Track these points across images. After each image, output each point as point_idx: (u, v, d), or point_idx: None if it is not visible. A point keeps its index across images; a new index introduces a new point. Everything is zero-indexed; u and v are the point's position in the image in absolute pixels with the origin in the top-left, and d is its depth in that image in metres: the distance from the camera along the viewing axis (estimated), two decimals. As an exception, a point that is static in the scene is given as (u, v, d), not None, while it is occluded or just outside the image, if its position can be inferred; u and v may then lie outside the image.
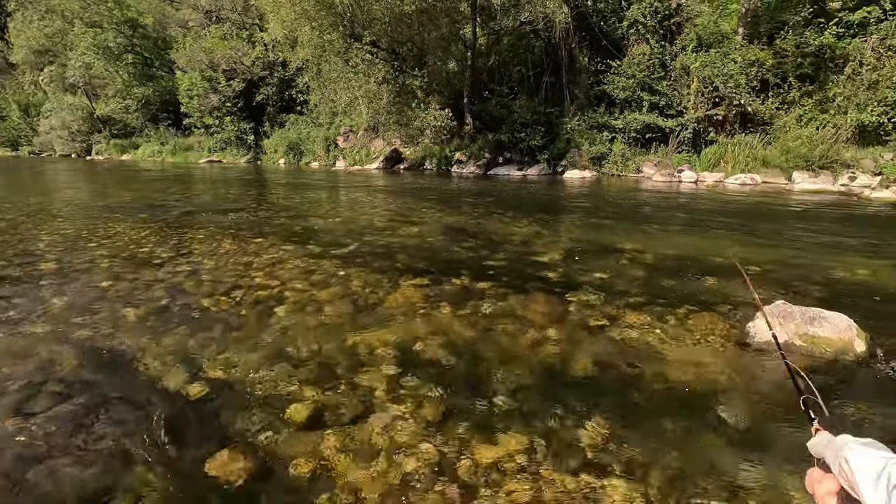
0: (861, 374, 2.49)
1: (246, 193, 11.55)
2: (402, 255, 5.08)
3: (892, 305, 3.45)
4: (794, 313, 2.75)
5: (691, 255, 5.04)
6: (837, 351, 2.60)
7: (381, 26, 16.42)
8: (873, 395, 2.33)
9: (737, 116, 14.11)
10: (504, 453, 1.96)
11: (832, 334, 2.62)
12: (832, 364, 2.57)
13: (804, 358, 2.63)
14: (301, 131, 24.09)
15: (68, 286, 3.97)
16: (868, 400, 2.28)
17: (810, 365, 2.56)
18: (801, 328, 2.66)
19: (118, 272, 4.37)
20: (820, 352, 2.62)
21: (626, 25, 16.28)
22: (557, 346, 2.92)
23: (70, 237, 5.84)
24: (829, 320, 2.67)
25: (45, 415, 2.21)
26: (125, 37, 29.45)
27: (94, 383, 2.50)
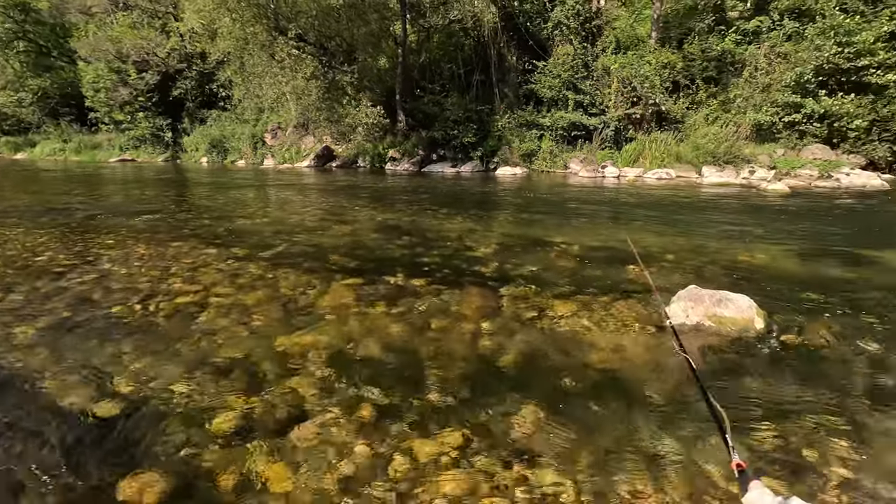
0: (759, 348, 2.75)
1: (163, 194, 10.77)
2: (334, 254, 4.95)
3: (785, 285, 3.84)
4: (703, 296, 2.99)
5: (615, 247, 5.31)
6: (740, 329, 2.86)
7: (308, 20, 15.89)
8: (769, 366, 2.58)
9: (653, 115, 15.09)
10: (440, 449, 1.96)
11: (736, 314, 2.87)
12: (736, 341, 2.82)
13: (713, 336, 2.86)
14: (225, 128, 22.79)
15: (-53, 302, 3.50)
16: (764, 371, 2.52)
17: (718, 343, 2.79)
18: (710, 310, 2.89)
19: (9, 284, 3.91)
20: (726, 330, 2.87)
21: (551, 26, 16.89)
22: (491, 339, 2.98)
23: (-50, 247, 5.16)
24: (734, 301, 2.93)
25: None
26: (14, 21, 26.43)
27: (-19, 410, 2.22)
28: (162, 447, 1.95)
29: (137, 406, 2.24)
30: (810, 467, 1.83)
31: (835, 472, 1.80)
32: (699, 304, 2.94)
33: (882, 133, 13.06)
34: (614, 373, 2.55)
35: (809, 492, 1.71)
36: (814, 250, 5.14)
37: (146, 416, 2.17)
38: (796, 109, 13.33)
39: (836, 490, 1.72)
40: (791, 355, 2.69)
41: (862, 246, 5.32)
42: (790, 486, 1.73)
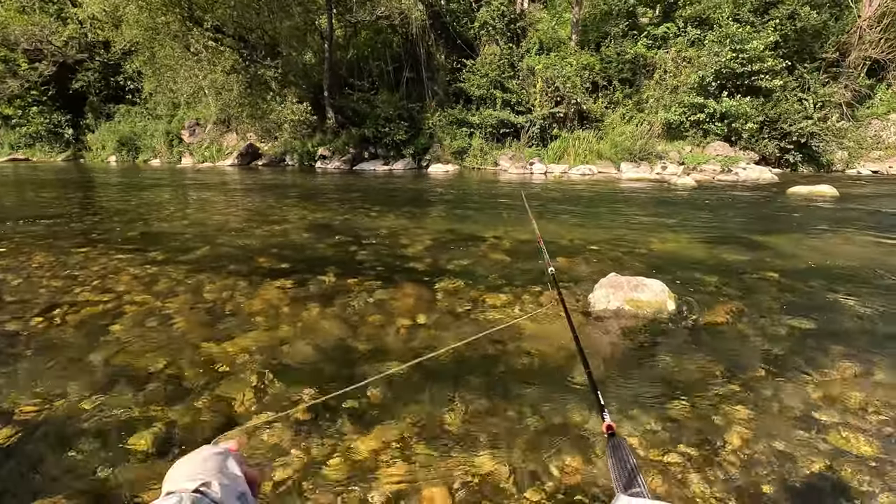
0: (671, 328, 3.01)
1: (65, 197, 9.79)
2: (262, 256, 4.76)
3: (692, 270, 4.21)
4: (622, 283, 3.21)
5: (543, 239, 5.53)
6: (655, 311, 3.10)
7: (226, 10, 15.07)
8: (680, 343, 2.83)
9: (575, 114, 15.85)
10: (379, 444, 1.96)
11: (651, 298, 3.11)
12: (651, 322, 3.05)
13: (632, 319, 3.08)
14: (136, 124, 21.13)
15: None
16: (675, 348, 2.76)
17: (636, 325, 3.02)
18: (629, 294, 3.11)
19: None
20: (643, 313, 3.10)
21: (478, 26, 17.25)
22: (427, 333, 3.01)
23: None
24: (649, 286, 3.17)
25: None
26: None
27: None
28: (72, 471, 1.79)
29: (41, 428, 2.04)
30: (715, 430, 2.04)
31: (736, 432, 2.01)
32: (619, 290, 3.15)
33: (771, 132, 14.60)
34: (547, 358, 2.67)
35: (714, 454, 1.90)
36: (717, 238, 5.67)
37: (53, 438, 1.98)
38: (700, 109, 14.55)
39: (736, 450, 1.92)
40: (698, 332, 2.96)
41: (757, 233, 5.93)
42: (697, 448, 1.91)
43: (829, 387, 2.37)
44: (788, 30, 14.49)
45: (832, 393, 2.32)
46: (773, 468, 1.82)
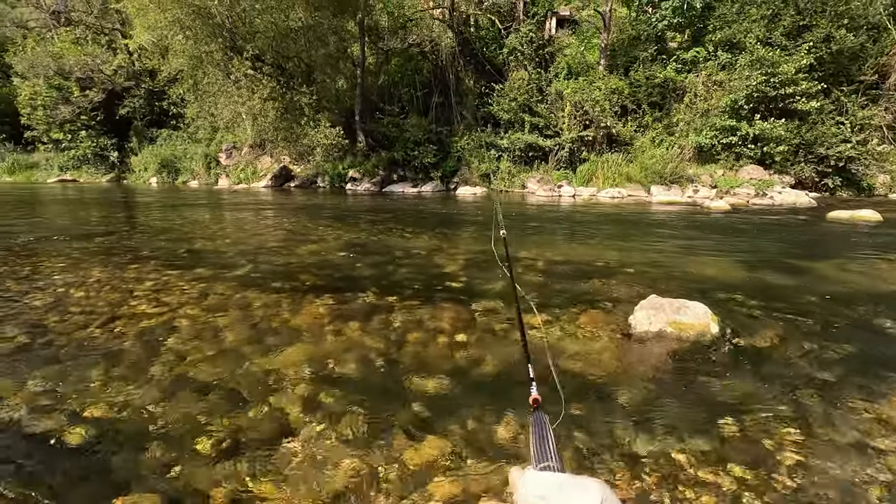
0: (716, 351, 2.98)
1: (113, 215, 10.30)
2: (303, 274, 4.92)
3: (733, 293, 4.15)
4: (664, 305, 3.21)
5: (577, 261, 5.56)
6: (698, 334, 3.08)
7: (265, 40, 15.84)
8: (726, 367, 2.80)
9: (604, 137, 15.90)
10: (429, 457, 2.01)
11: (694, 320, 3.10)
12: (695, 345, 3.03)
13: (675, 342, 3.07)
14: (176, 147, 22.12)
15: None
16: (721, 371, 2.73)
17: (680, 347, 3.00)
18: (671, 317, 3.11)
19: (-47, 311, 3.66)
20: (686, 336, 3.08)
21: (506, 52, 17.61)
22: (467, 351, 3.06)
23: None
24: (691, 309, 3.16)
25: None
26: (-59, 34, 24.80)
27: (-64, 443, 2.08)
28: (147, 469, 1.90)
29: (114, 430, 2.17)
30: (766, 453, 2.02)
31: (787, 456, 1.99)
32: (660, 312, 3.15)
33: (807, 156, 14.31)
34: (588, 379, 2.69)
35: (767, 476, 1.88)
36: (756, 262, 5.57)
37: (125, 439, 2.11)
38: (732, 132, 14.41)
39: (789, 472, 1.90)
40: (743, 356, 2.93)
41: (798, 257, 5.81)
42: (750, 469, 1.90)
43: (884, 412, 2.32)
44: (823, 52, 14.31)
45: (887, 419, 2.26)
46: (828, 493, 1.79)
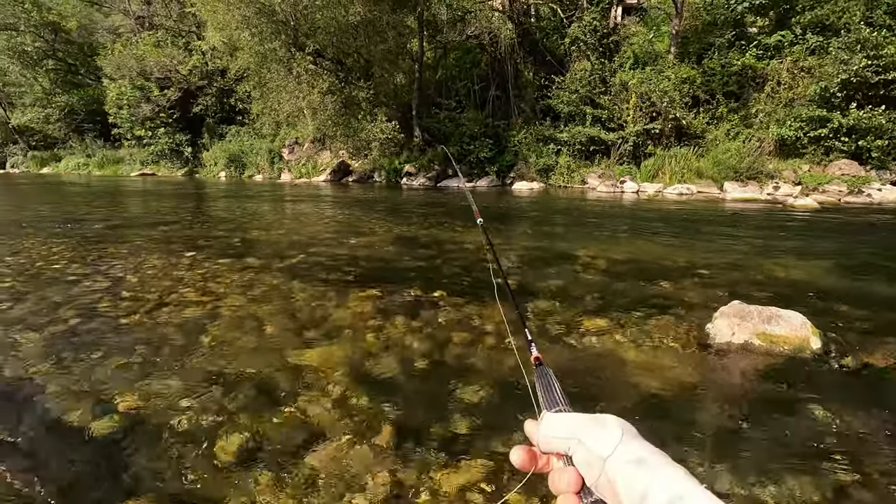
0: (818, 370, 2.49)
1: (180, 207, 10.81)
2: (350, 266, 4.80)
3: (834, 303, 3.56)
4: (751, 313, 2.74)
5: (642, 260, 5.08)
6: (794, 349, 2.60)
7: (326, 36, 16.11)
8: (831, 389, 2.32)
9: (672, 130, 14.86)
10: (468, 480, 1.75)
11: (789, 332, 2.62)
12: (790, 361, 2.56)
13: (764, 357, 2.61)
14: (243, 143, 23.12)
15: (-45, 310, 3.41)
16: (827, 396, 2.26)
17: (771, 364, 2.54)
18: (759, 327, 2.65)
19: (21, 292, 3.82)
20: (779, 350, 2.61)
21: (568, 42, 16.87)
22: (518, 356, 2.76)
23: (-34, 255, 5.12)
24: (785, 319, 2.68)
25: None
26: (45, 41, 27.37)
27: (-26, 424, 2.07)
28: (163, 471, 1.77)
29: (140, 424, 2.07)
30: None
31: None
32: (746, 321, 2.69)
33: (914, 148, 12.64)
34: (657, 394, 2.31)
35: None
36: (856, 266, 4.84)
37: (148, 435, 2.00)
38: (822, 124, 13.00)
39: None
40: (853, 377, 2.43)
41: (908, 262, 5.00)
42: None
43: None
44: (935, 32, 12.54)
45: None
46: None
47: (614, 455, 0.41)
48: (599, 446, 0.42)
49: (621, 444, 0.41)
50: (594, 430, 0.43)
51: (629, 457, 0.40)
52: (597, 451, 0.42)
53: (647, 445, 0.42)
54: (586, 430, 0.44)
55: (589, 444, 0.43)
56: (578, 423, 0.45)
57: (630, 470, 0.39)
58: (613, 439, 0.42)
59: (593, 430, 0.43)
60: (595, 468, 0.41)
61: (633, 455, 0.40)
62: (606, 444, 0.42)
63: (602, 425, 0.44)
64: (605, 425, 0.44)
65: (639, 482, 0.38)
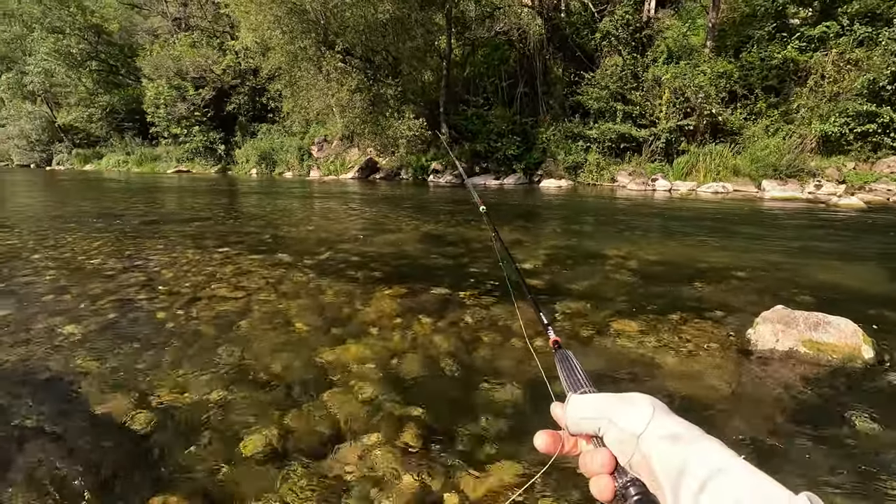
0: (872, 382, 2.35)
1: (214, 203, 11.08)
2: (377, 263, 4.81)
3: (886, 309, 3.36)
4: (796, 319, 2.60)
5: (676, 261, 4.92)
6: (844, 358, 2.46)
7: (355, 34, 16.23)
8: (886, 405, 2.18)
9: (707, 126, 14.40)
10: (497, 485, 1.71)
11: (838, 340, 2.48)
12: (840, 372, 2.42)
13: (811, 366, 2.47)
14: (274, 141, 23.55)
15: (3, 301, 3.56)
16: (883, 410, 2.12)
17: (819, 374, 2.41)
18: (805, 334, 2.51)
19: (63, 285, 3.96)
20: (827, 359, 2.47)
21: (599, 37, 16.52)
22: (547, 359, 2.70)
23: (14, 248, 5.36)
24: (834, 326, 2.54)
25: (-51, 454, 1.85)
26: (89, 43, 28.47)
27: (20, 412, 2.14)
28: (191, 467, 1.79)
29: (172, 417, 2.11)
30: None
31: None
32: (791, 328, 2.56)
33: (971, 145, 11.91)
34: (695, 402, 2.22)
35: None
36: (909, 271, 4.57)
37: (180, 429, 2.03)
38: (870, 119, 12.36)
39: None
40: (910, 392, 2.28)
41: (966, 267, 4.69)
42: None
43: None
44: None
45: None
46: None
47: (647, 432, 0.40)
48: (632, 424, 0.41)
49: (654, 421, 0.40)
50: (625, 409, 0.42)
51: (663, 432, 0.39)
52: (629, 428, 0.41)
53: (680, 420, 0.41)
54: (616, 409, 0.43)
55: (620, 423, 0.42)
56: (607, 403, 0.44)
57: (665, 446, 0.38)
58: (645, 416, 0.41)
59: (624, 409, 0.42)
60: (628, 446, 0.40)
61: (668, 430, 0.39)
62: (638, 421, 0.41)
63: (632, 403, 0.43)
64: (636, 403, 0.43)
65: (675, 457, 0.37)
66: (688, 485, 0.36)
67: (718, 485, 0.34)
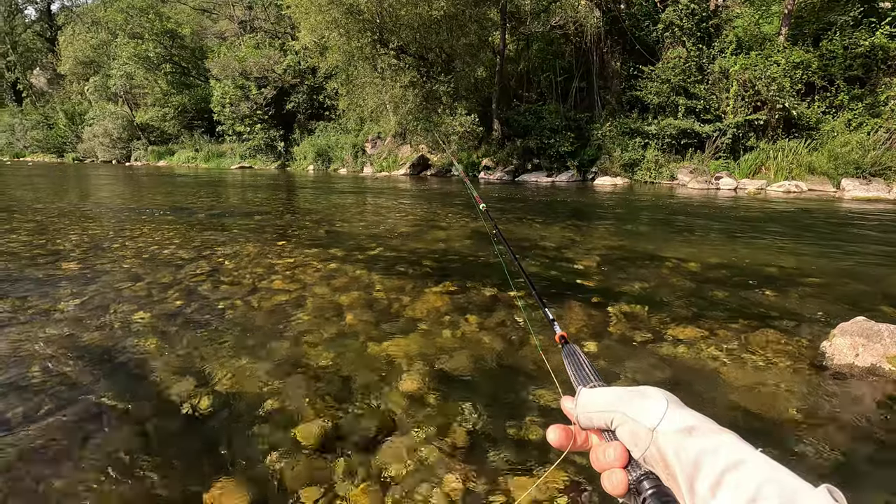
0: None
1: (273, 198, 11.57)
2: (427, 260, 4.84)
3: None
4: (880, 332, 2.37)
5: (741, 265, 4.63)
6: (937, 378, 2.22)
7: (409, 32, 16.42)
8: None
9: (780, 121, 13.47)
10: (544, 491, 1.67)
11: (929, 358, 2.24)
12: (932, 394, 2.19)
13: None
14: (330, 138, 24.31)
15: (86, 287, 3.88)
16: (982, 439, 1.90)
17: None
18: (892, 350, 2.29)
19: (137, 273, 4.27)
20: (917, 379, 2.24)
21: (661, 28, 15.80)
22: (598, 362, 2.62)
23: (96, 238, 5.84)
24: (926, 341, 2.29)
25: (39, 424, 2.03)
26: (164, 47, 30.48)
27: (96, 391, 2.32)
28: (248, 452, 1.88)
29: (231, 404, 2.21)
30: None
31: None
32: (874, 342, 2.34)
33: None
34: (761, 417, 2.08)
35: None
36: None
37: (238, 415, 2.13)
38: (973, 112, 11.12)
39: None
40: None
41: None
42: None
43: None
44: None
45: None
46: None
47: (662, 425, 0.39)
48: (646, 417, 0.40)
49: (668, 414, 0.39)
50: (638, 402, 0.42)
51: (678, 425, 0.38)
52: (644, 422, 0.40)
53: (694, 413, 0.40)
54: (629, 402, 0.42)
55: (634, 416, 0.41)
56: (619, 396, 0.43)
57: (680, 439, 0.38)
58: (660, 409, 0.40)
59: (637, 402, 0.42)
60: (643, 440, 0.40)
61: (683, 423, 0.38)
62: (653, 414, 0.40)
63: (646, 396, 0.42)
64: (649, 396, 0.42)
65: (691, 450, 0.37)
66: (704, 477, 0.35)
67: (736, 477, 0.34)
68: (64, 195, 11.81)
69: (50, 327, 3.07)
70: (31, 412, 2.14)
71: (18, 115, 40.74)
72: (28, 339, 2.89)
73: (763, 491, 0.32)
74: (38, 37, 46.71)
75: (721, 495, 0.34)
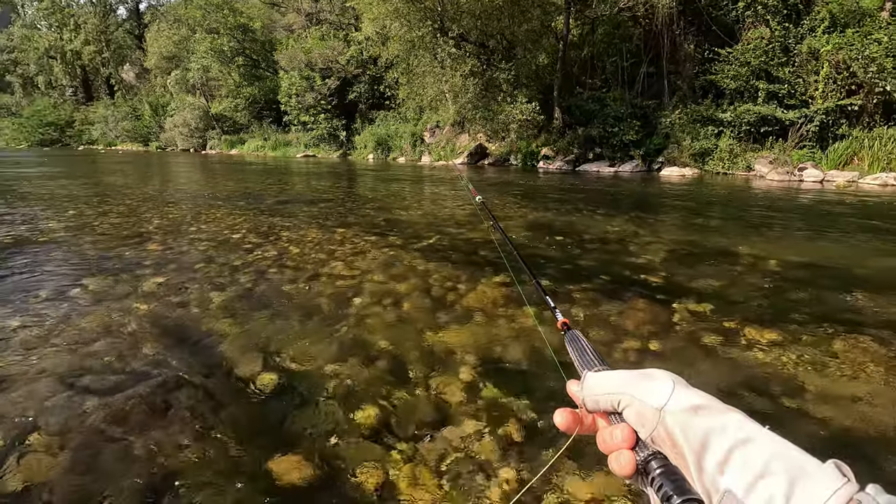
0: None
1: (335, 185, 11.94)
2: (483, 250, 4.81)
3: None
4: None
5: (827, 265, 4.25)
6: None
7: (471, 20, 16.26)
8: None
9: (877, 106, 12.16)
10: (601, 492, 1.62)
11: None
12: None
13: None
14: (389, 127, 24.69)
15: (166, 267, 4.19)
16: None
17: None
18: None
19: (211, 255, 4.55)
20: None
21: (742, 7, 14.62)
22: (661, 363, 2.49)
23: (175, 221, 6.28)
24: None
25: (125, 393, 2.22)
26: (237, 41, 32.03)
27: (174, 366, 2.50)
28: (311, 430, 1.95)
29: (294, 384, 2.31)
30: None
31: None
32: None
33: None
34: (852, 433, 1.90)
35: None
36: None
37: (301, 394, 2.22)
38: None
39: None
40: None
41: None
42: None
43: None
44: None
45: None
46: None
47: (669, 404, 0.39)
48: (653, 398, 0.40)
49: (675, 393, 0.40)
50: (644, 383, 0.42)
51: (685, 405, 0.39)
52: (651, 402, 0.40)
53: (701, 392, 0.40)
54: (635, 384, 0.42)
55: (640, 397, 0.41)
56: (625, 379, 0.44)
57: (687, 417, 0.38)
58: (666, 389, 0.40)
59: (643, 383, 0.42)
60: (650, 420, 0.40)
61: (690, 403, 0.39)
62: (660, 394, 0.40)
63: (652, 378, 0.42)
64: (656, 377, 0.42)
65: (699, 428, 0.37)
66: (712, 455, 0.35)
67: (744, 453, 0.34)
68: (148, 181, 12.80)
69: (139, 302, 3.34)
70: (119, 381, 2.34)
71: (111, 108, 44.43)
72: (120, 313, 3.16)
73: (771, 466, 0.33)
74: (128, 34, 50.59)
75: (729, 472, 0.34)
